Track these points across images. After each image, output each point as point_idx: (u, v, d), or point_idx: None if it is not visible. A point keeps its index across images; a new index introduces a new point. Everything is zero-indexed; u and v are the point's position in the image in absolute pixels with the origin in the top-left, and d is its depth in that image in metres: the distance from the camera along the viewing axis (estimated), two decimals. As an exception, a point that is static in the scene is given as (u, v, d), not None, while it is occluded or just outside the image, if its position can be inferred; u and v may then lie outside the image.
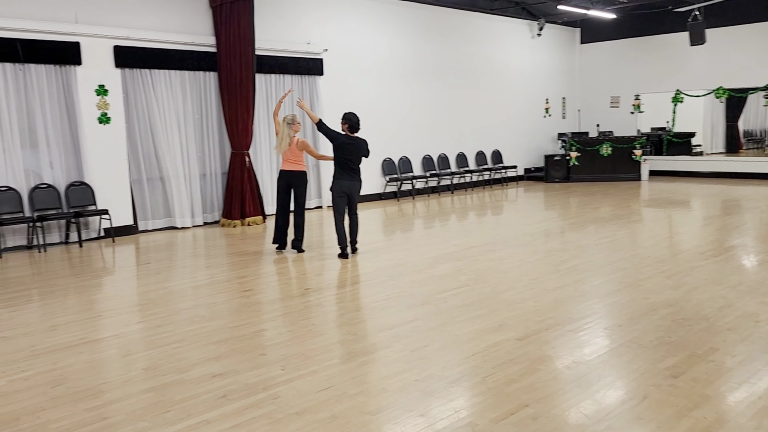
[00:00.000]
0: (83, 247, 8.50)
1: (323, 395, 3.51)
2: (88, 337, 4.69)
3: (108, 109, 9.04)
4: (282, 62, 10.94)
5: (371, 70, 12.56)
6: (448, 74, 14.07)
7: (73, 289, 6.21)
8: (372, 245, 8.00)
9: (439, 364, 3.93)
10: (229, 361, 4.08)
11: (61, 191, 8.70)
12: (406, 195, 13.30)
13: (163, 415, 3.32)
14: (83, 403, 3.51)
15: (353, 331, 4.62)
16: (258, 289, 6.00)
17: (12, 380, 3.88)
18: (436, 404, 3.36)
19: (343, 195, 7.18)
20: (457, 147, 14.41)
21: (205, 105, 10.15)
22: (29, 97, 8.40)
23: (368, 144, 7.40)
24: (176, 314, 5.21)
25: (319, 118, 7.56)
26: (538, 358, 3.97)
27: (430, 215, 10.74)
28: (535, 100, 16.41)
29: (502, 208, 11.45)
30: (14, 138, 8.29)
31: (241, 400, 3.47)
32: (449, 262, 6.87)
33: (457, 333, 4.50)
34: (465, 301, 5.30)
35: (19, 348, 4.48)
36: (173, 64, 9.60)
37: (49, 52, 8.42)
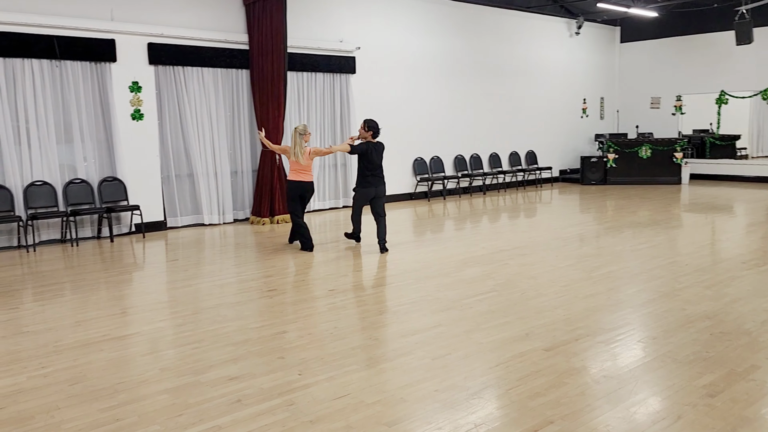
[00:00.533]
0: (114, 242, 8.59)
1: (339, 403, 3.41)
2: (110, 334, 4.69)
3: (141, 106, 9.11)
4: (314, 60, 10.89)
5: (404, 68, 12.43)
6: (482, 73, 13.85)
7: (102, 284, 6.25)
8: (400, 246, 7.88)
9: (462, 373, 3.78)
10: (247, 363, 4.01)
11: (94, 186, 8.81)
12: (437, 195, 13.14)
13: (176, 419, 3.26)
14: (98, 402, 3.47)
15: (374, 336, 4.51)
16: (282, 289, 5.94)
17: (31, 376, 3.88)
18: (456, 417, 3.23)
19: (368, 199, 7.57)
20: (490, 147, 14.18)
21: (237, 102, 10.17)
22: (65, 93, 8.52)
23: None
24: (199, 313, 5.18)
25: (346, 144, 7.92)
26: (566, 371, 3.79)
27: (460, 216, 10.56)
28: (572, 100, 16.04)
29: (535, 210, 11.19)
30: (50, 133, 8.42)
31: (255, 406, 3.39)
32: (477, 265, 6.71)
33: (482, 341, 4.34)
34: (491, 308, 5.14)
35: (43, 343, 4.50)
36: (206, 61, 9.64)
37: (85, 49, 8.53)
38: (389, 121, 12.24)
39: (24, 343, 4.51)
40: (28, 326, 4.92)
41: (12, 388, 3.70)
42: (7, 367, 4.05)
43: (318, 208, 11.37)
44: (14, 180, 8.16)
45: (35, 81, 8.24)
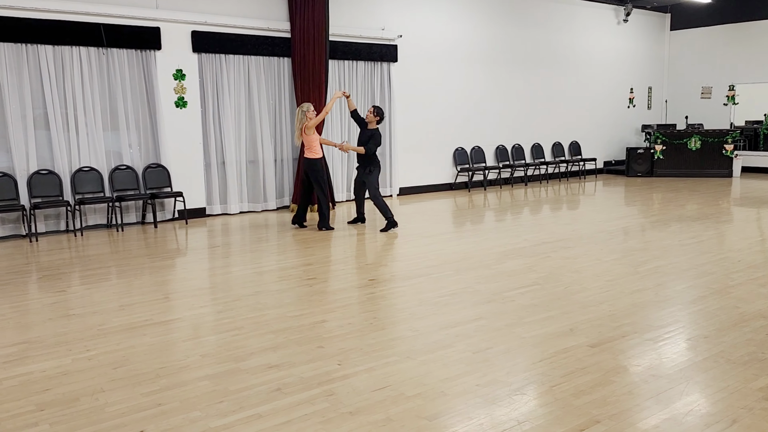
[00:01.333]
0: (158, 228, 8.74)
1: (379, 395, 3.36)
2: (153, 319, 4.75)
3: (185, 93, 9.22)
4: (355, 48, 10.83)
5: (446, 57, 12.26)
6: (526, 62, 13.57)
7: (145, 270, 6.35)
8: (439, 237, 7.80)
9: (503, 368, 3.70)
10: (286, 352, 4.01)
11: (139, 173, 8.96)
12: (478, 186, 12.97)
13: (216, 406, 3.26)
14: (141, 387, 3.51)
15: (414, 327, 4.45)
16: (322, 277, 5.93)
17: (77, 359, 3.95)
18: (498, 413, 3.15)
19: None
20: (532, 137, 13.92)
21: (278, 90, 10.19)
22: (111, 80, 8.67)
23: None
24: (239, 300, 5.21)
25: (357, 147, 8.23)
26: (612, 369, 3.67)
27: (501, 207, 10.40)
28: (619, 90, 15.61)
29: (579, 202, 10.94)
30: (97, 120, 8.59)
31: (294, 395, 3.37)
32: (519, 257, 6.58)
33: (524, 336, 4.24)
34: (534, 301, 5.02)
35: (88, 326, 4.59)
36: (248, 49, 9.68)
37: (130, 37, 8.65)
38: (430, 110, 12.14)
39: (70, 326, 4.60)
40: (75, 309, 5.02)
41: (58, 370, 3.77)
42: (53, 349, 4.13)
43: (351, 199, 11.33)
44: (63, 166, 8.36)
45: (83, 68, 8.41)
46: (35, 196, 8.09)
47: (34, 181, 8.11)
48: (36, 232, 8.07)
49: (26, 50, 8.00)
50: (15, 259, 6.92)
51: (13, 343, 4.25)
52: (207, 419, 3.12)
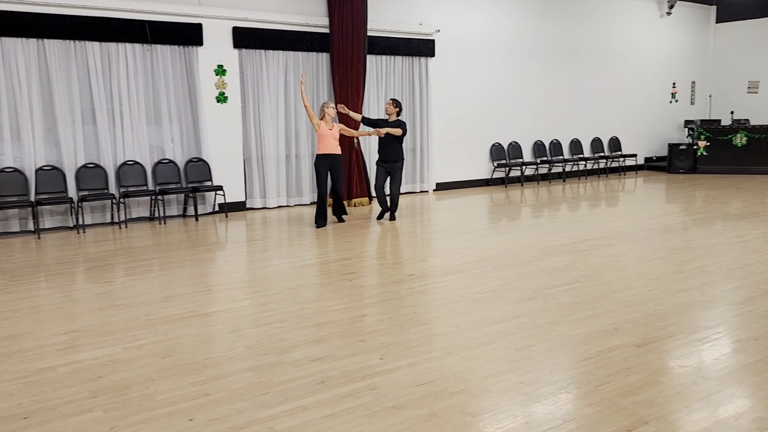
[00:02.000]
0: (199, 221, 8.90)
1: (422, 390, 3.37)
2: (197, 310, 4.84)
3: (225, 89, 9.35)
4: (393, 43, 10.83)
5: (484, 51, 12.16)
6: (565, 56, 13.37)
7: (188, 262, 6.47)
8: (477, 233, 7.76)
9: (547, 366, 3.67)
10: (329, 345, 4.05)
11: (181, 167, 9.13)
12: (515, 182, 12.86)
13: (262, 397, 3.32)
14: (188, 377, 3.59)
15: (455, 323, 4.45)
16: (361, 272, 5.96)
17: (127, 348, 4.06)
18: (543, 411, 3.13)
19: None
20: (571, 133, 13.72)
21: (317, 86, 10.26)
22: (155, 76, 8.84)
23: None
24: (280, 293, 5.27)
25: (389, 130, 8.38)
26: (659, 369, 3.61)
27: (539, 204, 10.29)
28: (661, 85, 15.26)
29: (619, 199, 10.75)
30: (141, 115, 8.78)
31: (338, 388, 3.41)
32: (559, 255, 6.51)
33: (567, 334, 4.20)
34: (576, 299, 4.96)
35: (135, 316, 4.70)
36: (287, 45, 9.76)
37: (174, 33, 8.81)
38: (467, 105, 12.07)
39: (118, 316, 4.73)
40: (122, 299, 5.16)
41: (109, 358, 3.88)
42: (104, 337, 4.25)
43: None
44: (108, 159, 8.58)
45: (128, 65, 8.60)
46: (82, 189, 8.32)
47: (82, 175, 8.34)
48: (83, 224, 8.30)
49: (74, 47, 8.22)
50: (64, 250, 7.13)
51: (66, 332, 4.38)
52: (253, 410, 3.18)
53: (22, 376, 3.62)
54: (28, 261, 6.63)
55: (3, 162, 7.97)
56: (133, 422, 3.06)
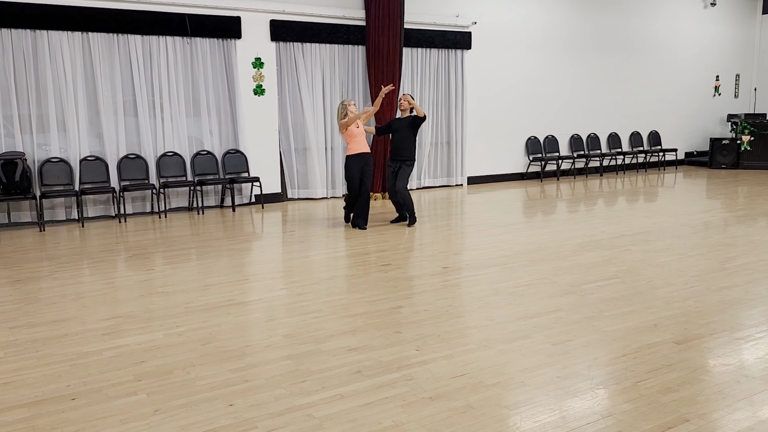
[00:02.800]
0: (236, 212, 9.04)
1: (458, 382, 3.38)
2: (235, 299, 4.93)
3: (263, 81, 9.45)
4: (429, 36, 10.79)
5: (520, 44, 12.03)
6: (604, 48, 13.13)
7: (225, 252, 6.59)
8: (512, 227, 7.71)
9: (584, 362, 3.64)
10: (365, 335, 4.08)
11: (219, 158, 9.28)
12: (550, 176, 12.71)
13: (300, 384, 3.37)
14: (228, 363, 3.67)
15: (491, 317, 4.44)
16: (396, 264, 5.98)
17: (168, 334, 4.16)
18: (581, 406, 3.11)
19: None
20: (609, 126, 13.49)
21: (352, 78, 10.29)
22: (194, 68, 8.99)
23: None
24: (316, 284, 5.33)
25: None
26: (701, 367, 3.54)
27: (575, 198, 10.15)
28: (703, 78, 14.88)
29: (658, 194, 10.54)
30: (180, 107, 8.94)
31: (374, 378, 3.44)
32: (597, 250, 6.42)
33: (605, 329, 4.15)
34: (614, 295, 4.90)
35: (176, 304, 4.81)
36: (324, 37, 9.80)
37: (213, 26, 8.94)
38: (502, 98, 11.96)
39: (159, 303, 4.84)
40: (162, 287, 5.28)
41: (151, 344, 3.99)
42: (146, 324, 4.37)
43: (428, 185, 11.36)
44: (149, 150, 8.76)
45: (169, 57, 8.75)
46: (124, 179, 8.53)
47: (123, 165, 8.55)
48: (125, 213, 8.51)
49: (117, 40, 8.41)
50: (107, 239, 7.32)
51: (110, 317, 4.51)
52: (291, 397, 3.23)
53: (70, 359, 3.75)
54: (73, 248, 6.83)
55: (50, 152, 8.21)
56: (176, 406, 3.14)
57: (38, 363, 3.70)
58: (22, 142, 8.01)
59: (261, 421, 2.98)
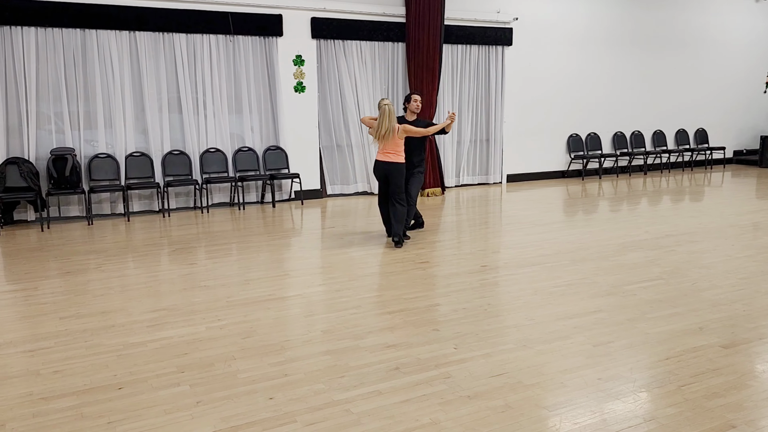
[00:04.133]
0: (276, 208, 9.15)
1: (497, 381, 3.36)
2: (275, 294, 5.00)
3: (303, 79, 9.53)
4: (469, 32, 10.71)
5: (562, 39, 11.83)
6: (649, 43, 12.81)
7: (266, 247, 6.68)
8: (552, 225, 7.61)
9: (626, 364, 3.57)
10: (403, 332, 4.09)
11: (259, 155, 9.40)
12: (592, 174, 12.49)
13: (338, 380, 3.40)
14: (268, 357, 3.72)
15: (530, 317, 4.39)
16: (434, 262, 5.97)
17: (210, 327, 4.25)
18: (622, 409, 3.05)
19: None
20: (654, 124, 13.17)
21: (392, 75, 10.30)
22: (237, 66, 9.13)
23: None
24: (355, 280, 5.36)
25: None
26: (748, 372, 3.44)
27: (618, 197, 9.95)
28: (753, 74, 14.37)
29: (704, 193, 10.25)
30: (223, 104, 9.09)
31: (412, 375, 3.45)
32: (640, 250, 6.29)
33: (648, 331, 4.07)
34: (658, 296, 4.79)
35: (217, 298, 4.91)
36: (364, 34, 9.83)
37: (255, 25, 9.05)
38: (543, 95, 11.80)
39: (201, 296, 4.94)
40: (204, 281, 5.39)
41: (194, 337, 4.08)
42: (188, 317, 4.47)
43: (467, 183, 11.30)
44: (192, 147, 8.94)
45: (212, 55, 8.91)
46: (168, 174, 8.72)
47: (168, 161, 8.74)
48: (168, 208, 8.71)
49: (163, 39, 8.60)
50: (151, 233, 7.51)
51: (154, 310, 4.63)
52: (330, 392, 3.26)
53: (116, 350, 3.86)
54: (119, 242, 7.03)
55: (97, 148, 8.45)
56: (217, 398, 3.21)
57: (87, 353, 3.83)
58: (71, 138, 8.26)
59: (300, 415, 3.02)
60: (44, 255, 6.43)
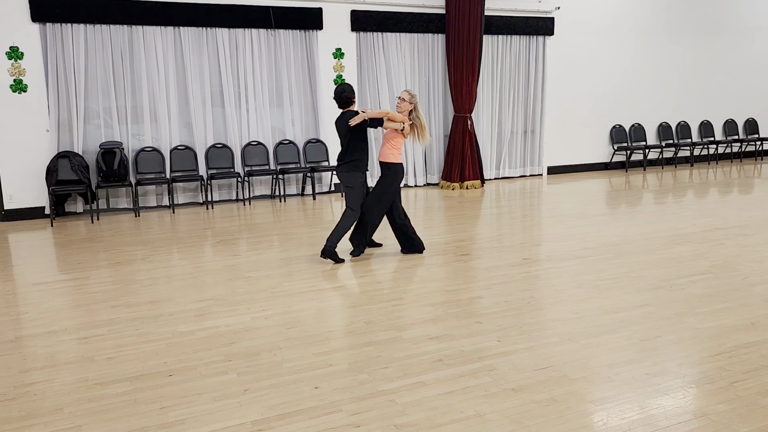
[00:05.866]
0: (316, 200, 9.23)
1: (541, 374, 3.34)
2: (317, 285, 5.05)
3: (343, 72, 9.57)
4: (510, 22, 10.58)
5: (606, 27, 11.58)
6: (697, 30, 12.43)
7: (307, 239, 6.75)
8: (596, 218, 7.49)
9: (675, 359, 3.50)
10: (445, 324, 4.09)
11: (300, 147, 9.49)
12: (636, 166, 12.22)
13: (382, 371, 3.42)
14: (312, 347, 3.77)
15: (575, 310, 4.34)
16: (475, 254, 5.95)
17: (255, 317, 4.33)
18: (671, 404, 3.00)
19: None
20: (701, 114, 12.79)
21: (432, 67, 10.25)
22: (278, 60, 9.22)
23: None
24: (396, 272, 5.37)
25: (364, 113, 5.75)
26: (804, 370, 3.34)
27: (663, 189, 9.72)
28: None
29: (754, 185, 9.93)
30: (264, 98, 9.20)
31: (456, 367, 3.45)
32: (687, 243, 6.14)
33: (698, 326, 3.98)
34: (707, 291, 4.68)
35: (261, 288, 4.99)
36: (403, 26, 9.81)
37: (296, 18, 9.12)
38: (585, 85, 11.59)
39: (246, 287, 5.03)
40: (248, 272, 5.48)
41: (240, 326, 4.15)
42: (234, 307, 4.55)
43: (507, 176, 11.18)
44: (234, 140, 9.08)
45: (253, 49, 9.01)
46: (211, 167, 8.88)
47: (211, 154, 8.90)
48: (212, 200, 8.87)
49: (206, 33, 8.73)
50: (195, 224, 7.67)
51: (201, 299, 4.74)
52: (374, 382, 3.29)
53: (166, 338, 3.97)
54: (164, 233, 7.20)
55: (143, 142, 8.66)
56: (264, 386, 3.27)
57: (138, 340, 3.94)
58: (119, 132, 8.48)
59: (345, 405, 3.05)
60: (94, 246, 6.64)
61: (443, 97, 10.37)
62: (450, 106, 10.25)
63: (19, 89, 7.90)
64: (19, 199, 8.07)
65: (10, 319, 4.40)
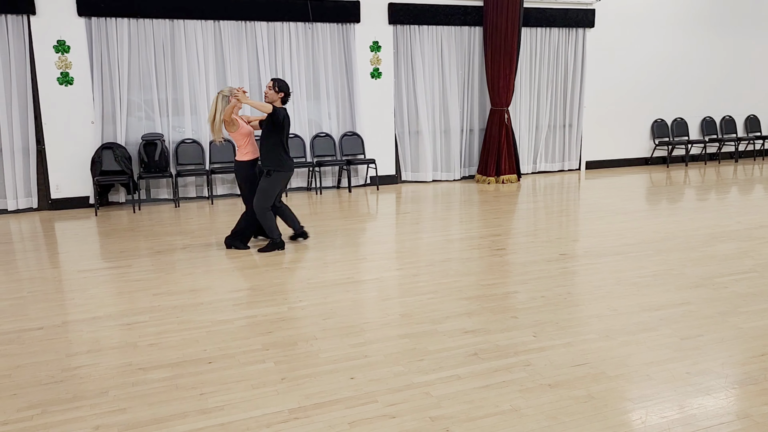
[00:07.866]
0: (351, 193, 9.27)
1: (578, 371, 3.31)
2: (353, 277, 5.09)
3: (380, 65, 9.57)
4: (550, 15, 10.42)
5: (648, 19, 11.31)
6: (742, 22, 12.04)
7: (342, 231, 6.80)
8: (636, 214, 7.35)
9: (717, 359, 3.43)
10: (481, 319, 4.08)
11: (336, 140, 9.54)
12: (678, 161, 11.93)
13: (417, 363, 3.44)
14: (348, 338, 3.81)
15: (613, 307, 4.28)
16: (511, 249, 5.91)
17: (292, 308, 4.39)
18: (713, 405, 2.94)
19: (285, 185, 6.19)
20: (747, 108, 12.41)
21: (469, 60, 10.17)
22: (315, 53, 9.27)
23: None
24: (431, 266, 5.38)
25: (261, 102, 6.09)
26: None
27: (706, 185, 9.48)
28: None
29: (804, 182, 9.61)
30: (302, 91, 9.26)
31: (491, 361, 3.44)
32: (731, 241, 5.98)
33: (741, 326, 3.88)
34: (751, 290, 4.56)
35: (298, 279, 5.05)
36: (441, 19, 9.75)
37: (333, 12, 9.15)
38: (626, 79, 11.35)
39: (284, 278, 5.10)
40: (285, 264, 5.55)
41: (278, 316, 4.22)
42: (272, 297, 4.62)
43: (544, 170, 11.05)
44: (272, 133, 9.16)
45: (291, 42, 9.08)
46: (249, 159, 8.98)
47: (248, 146, 9.00)
48: (249, 192, 8.98)
49: (245, 27, 8.84)
50: (233, 215, 7.76)
51: (240, 289, 4.82)
52: (409, 375, 3.31)
53: (206, 326, 4.06)
54: (203, 224, 7.33)
55: (183, 134, 8.82)
56: (301, 375, 3.32)
57: (178, 328, 4.04)
58: (160, 124, 8.65)
59: (381, 396, 3.08)
60: (136, 235, 6.80)
61: (480, 90, 10.29)
62: (486, 99, 10.17)
63: (66, 82, 8.12)
64: (65, 188, 8.31)
65: (57, 305, 4.55)
